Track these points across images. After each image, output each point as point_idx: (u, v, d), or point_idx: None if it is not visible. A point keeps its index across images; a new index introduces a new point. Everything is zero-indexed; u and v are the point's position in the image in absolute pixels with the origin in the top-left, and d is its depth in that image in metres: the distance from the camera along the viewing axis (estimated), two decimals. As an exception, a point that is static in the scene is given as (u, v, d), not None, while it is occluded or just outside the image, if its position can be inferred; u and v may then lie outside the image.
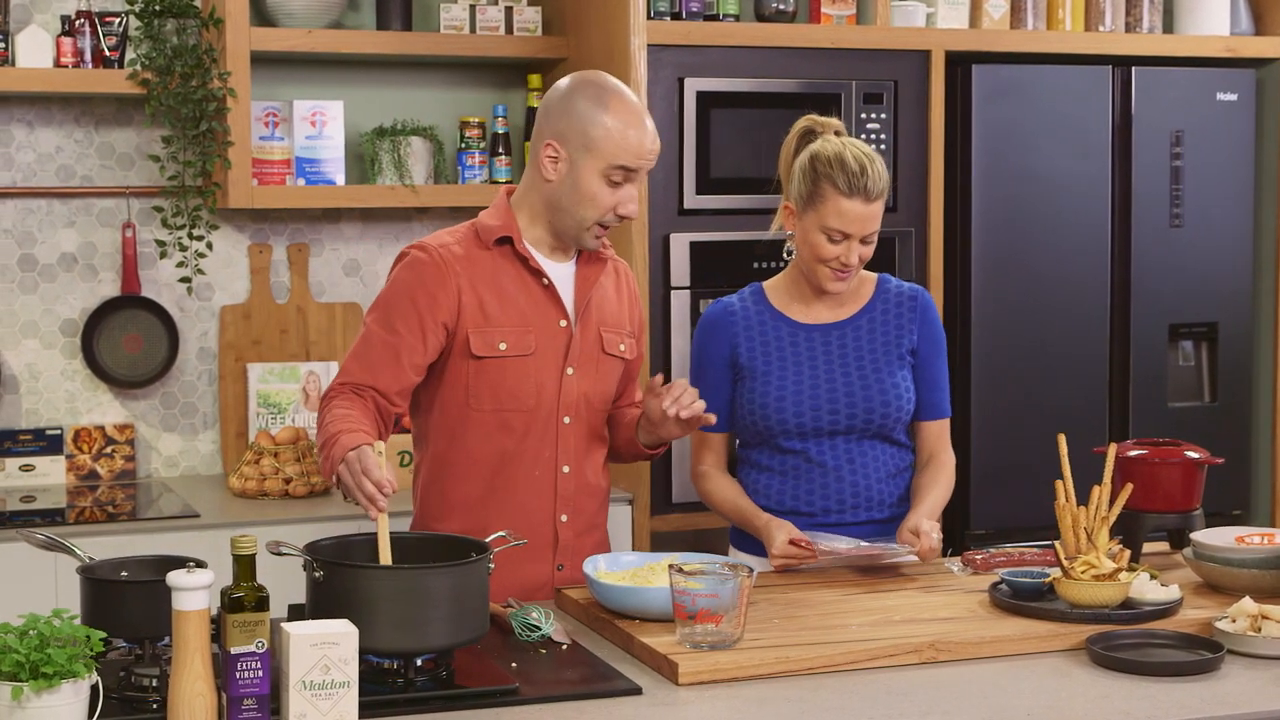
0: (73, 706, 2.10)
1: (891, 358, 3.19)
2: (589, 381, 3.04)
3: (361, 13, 4.52)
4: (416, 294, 2.95)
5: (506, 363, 2.97)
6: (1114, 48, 4.67)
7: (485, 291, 2.97)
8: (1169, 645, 2.59)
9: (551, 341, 3.00)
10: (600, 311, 3.06)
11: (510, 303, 2.98)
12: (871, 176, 3.08)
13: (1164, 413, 4.69)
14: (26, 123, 4.32)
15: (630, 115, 2.92)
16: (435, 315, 2.94)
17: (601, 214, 2.95)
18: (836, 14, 4.48)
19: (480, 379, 2.97)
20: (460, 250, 2.99)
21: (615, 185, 2.93)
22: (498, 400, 2.98)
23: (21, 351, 4.35)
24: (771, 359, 3.17)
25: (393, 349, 2.94)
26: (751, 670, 2.47)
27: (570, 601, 2.86)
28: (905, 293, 3.26)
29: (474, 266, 2.98)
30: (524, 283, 3.00)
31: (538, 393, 2.99)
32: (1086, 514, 2.84)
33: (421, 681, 2.40)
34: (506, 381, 2.97)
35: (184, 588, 2.16)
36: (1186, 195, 4.68)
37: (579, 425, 3.03)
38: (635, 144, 2.92)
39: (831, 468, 3.16)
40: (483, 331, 2.96)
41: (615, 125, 2.91)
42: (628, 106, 2.94)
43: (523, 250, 3.00)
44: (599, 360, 3.05)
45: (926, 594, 2.90)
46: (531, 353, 2.98)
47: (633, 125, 2.92)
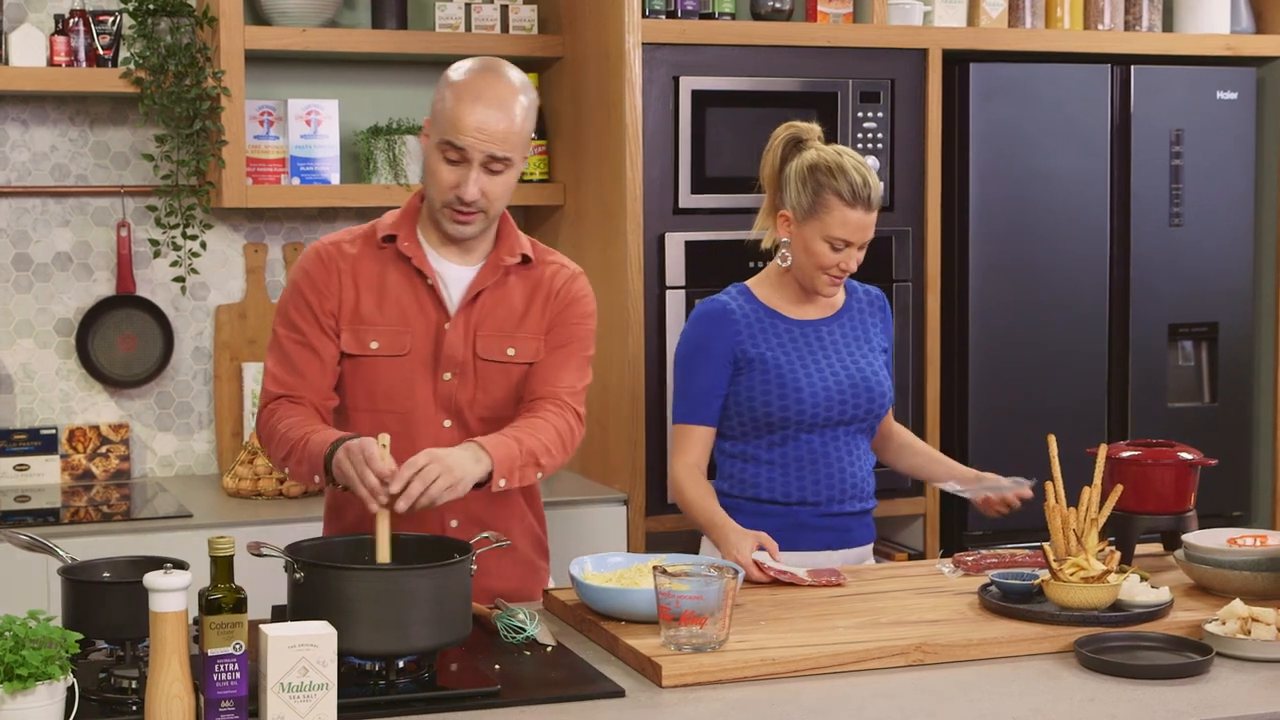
0: (48, 708, 2.09)
1: (874, 354, 3.28)
2: (469, 389, 2.93)
3: (357, 11, 4.51)
4: (305, 290, 2.93)
5: (379, 362, 2.92)
6: (1113, 46, 4.64)
7: (365, 290, 2.92)
8: (1158, 648, 2.58)
9: (430, 344, 2.92)
10: (490, 316, 2.94)
11: (391, 302, 2.92)
12: (872, 185, 3.13)
13: (1164, 413, 4.67)
14: (21, 122, 4.31)
15: (467, 92, 2.82)
16: (325, 307, 2.91)
17: (443, 193, 2.85)
18: (833, 12, 4.46)
19: (355, 377, 2.94)
20: (352, 248, 2.95)
21: (452, 164, 2.83)
22: (372, 400, 2.93)
23: (16, 351, 4.34)
24: (778, 352, 3.20)
25: (307, 347, 2.92)
26: (735, 672, 2.45)
27: (557, 603, 2.85)
28: (873, 294, 3.38)
29: (361, 264, 2.93)
30: (410, 283, 2.94)
31: (411, 394, 2.92)
32: (1076, 515, 2.82)
33: (403, 683, 2.39)
34: (379, 381, 2.92)
35: (161, 589, 2.14)
36: (1186, 194, 4.65)
37: (464, 431, 2.91)
38: (458, 118, 2.81)
39: (834, 458, 3.21)
40: (355, 330, 2.92)
41: (450, 100, 2.83)
42: (471, 84, 2.84)
43: (406, 249, 2.93)
44: (477, 367, 2.93)
45: (916, 596, 2.88)
46: (406, 354, 2.92)
47: (464, 101, 2.81)
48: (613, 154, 4.19)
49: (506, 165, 2.85)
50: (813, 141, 3.20)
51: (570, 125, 4.46)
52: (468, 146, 2.81)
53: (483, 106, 2.81)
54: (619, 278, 4.17)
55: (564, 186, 4.50)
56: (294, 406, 2.90)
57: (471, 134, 2.81)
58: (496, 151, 2.82)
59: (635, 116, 4.12)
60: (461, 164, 2.83)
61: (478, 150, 2.82)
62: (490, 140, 2.82)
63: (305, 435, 2.80)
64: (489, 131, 2.81)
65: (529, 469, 2.82)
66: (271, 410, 2.91)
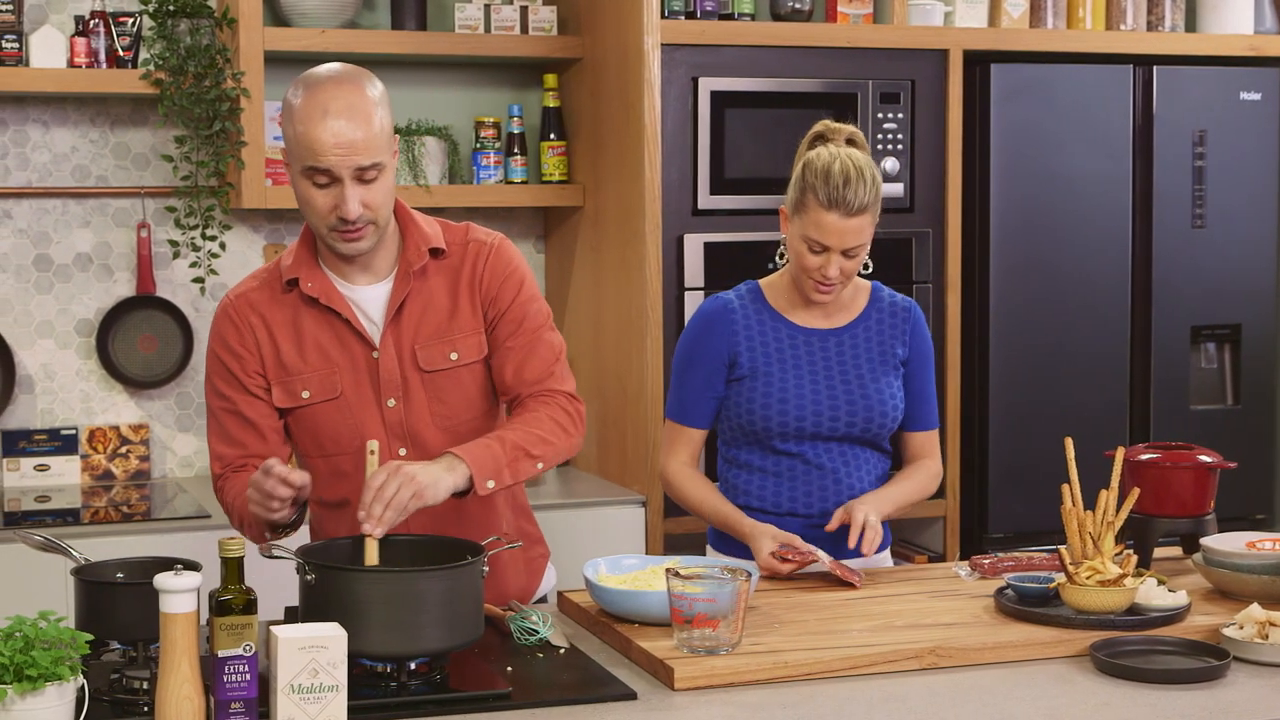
0: (57, 709, 2.10)
1: (887, 367, 3.17)
2: (418, 407, 2.81)
3: (376, 12, 4.51)
4: (224, 358, 2.82)
5: (316, 410, 2.80)
6: (1135, 47, 4.62)
7: (283, 339, 2.80)
8: (1174, 652, 2.56)
9: (361, 377, 2.80)
10: (420, 326, 2.81)
11: (312, 345, 2.80)
12: (855, 191, 3.00)
13: (1186, 416, 4.65)
14: (42, 123, 4.33)
15: (313, 110, 2.63)
16: (246, 370, 2.80)
17: (324, 219, 2.68)
18: (853, 13, 4.44)
19: (298, 429, 2.83)
20: (259, 296, 2.82)
21: (322, 188, 2.66)
22: (320, 447, 2.83)
23: (37, 351, 4.36)
24: (771, 361, 3.13)
25: (238, 415, 2.81)
26: (748, 675, 2.44)
27: (571, 605, 2.84)
28: (899, 304, 3.22)
29: (272, 313, 2.81)
30: (325, 321, 2.80)
31: (358, 432, 2.79)
32: (1093, 519, 2.80)
33: (415, 685, 2.38)
34: (323, 428, 2.81)
35: (171, 590, 2.15)
36: (1209, 195, 4.63)
37: (419, 454, 2.77)
38: (312, 141, 2.62)
39: (829, 469, 3.13)
40: (284, 382, 2.80)
41: (298, 124, 2.64)
42: (314, 101, 2.64)
43: (310, 290, 2.78)
44: (423, 381, 2.81)
45: (932, 599, 2.87)
46: (338, 395, 2.79)
47: (313, 120, 2.62)
48: (632, 155, 4.19)
49: (379, 170, 2.67)
50: (836, 140, 3.12)
51: (590, 126, 4.45)
52: (332, 166, 2.63)
53: (332, 119, 2.62)
54: (638, 279, 4.17)
55: (583, 188, 4.49)
56: (236, 477, 2.80)
57: (331, 153, 2.63)
58: (363, 161, 2.64)
59: (654, 117, 4.12)
60: (332, 185, 2.66)
61: (344, 167, 2.64)
62: (353, 152, 2.63)
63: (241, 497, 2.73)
64: (348, 143, 2.63)
65: (521, 463, 2.70)
66: (219, 489, 2.83)
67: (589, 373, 4.48)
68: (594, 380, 4.46)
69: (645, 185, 4.12)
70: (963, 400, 4.49)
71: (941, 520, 4.47)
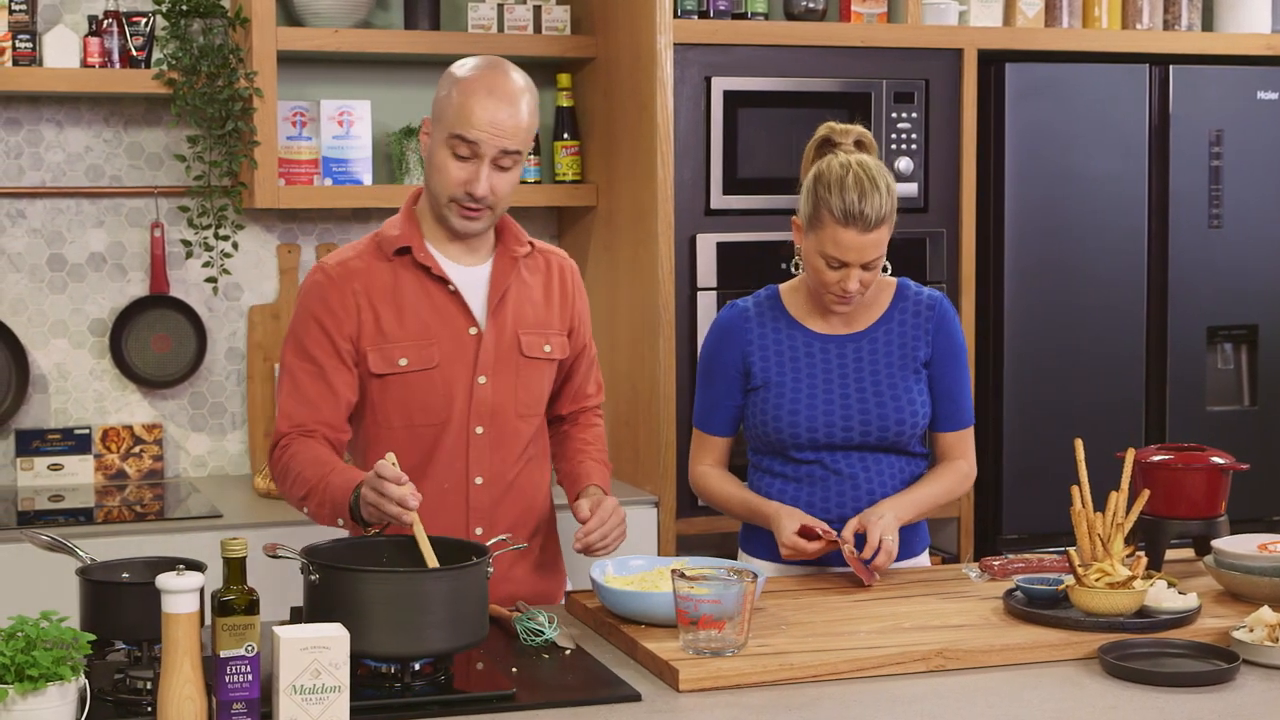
0: (59, 709, 2.10)
1: (907, 371, 3.11)
2: (506, 389, 2.92)
3: (389, 12, 4.51)
4: (321, 316, 2.87)
5: (410, 378, 2.87)
6: (1152, 46, 4.60)
7: (383, 306, 2.87)
8: (1183, 655, 2.54)
9: (459, 351, 2.89)
10: (519, 313, 2.94)
11: (411, 314, 2.88)
12: (871, 205, 2.95)
13: (1202, 417, 4.62)
14: (55, 123, 4.33)
15: (478, 86, 2.81)
16: (342, 332, 2.86)
17: (451, 189, 2.83)
18: (867, 12, 4.43)
19: (385, 396, 2.89)
20: (359, 264, 2.90)
21: (462, 160, 2.81)
22: (407, 416, 2.89)
23: (50, 351, 4.36)
24: (785, 370, 3.10)
25: (321, 378, 2.87)
26: (754, 677, 2.43)
27: (579, 606, 2.84)
28: (924, 300, 3.15)
29: (373, 280, 2.89)
30: (427, 292, 2.89)
31: (447, 405, 2.88)
32: (1103, 520, 2.78)
33: (420, 686, 2.38)
34: (414, 397, 2.88)
35: (173, 590, 2.15)
36: (1226, 195, 4.60)
37: (494, 434, 2.91)
38: (469, 113, 2.79)
39: (848, 475, 3.10)
40: (381, 349, 2.87)
41: (459, 94, 2.81)
42: (480, 80, 2.82)
43: (422, 259, 2.89)
44: (518, 365, 2.93)
45: (941, 601, 2.85)
46: (435, 365, 2.87)
47: (476, 95, 2.80)
48: (644, 155, 4.18)
49: (515, 161, 2.84)
50: (845, 145, 3.07)
51: (603, 126, 4.44)
52: (480, 141, 2.79)
53: (494, 101, 2.80)
54: (650, 279, 4.16)
55: (597, 188, 4.48)
56: (307, 442, 2.84)
57: (484, 128, 2.79)
58: (509, 145, 2.81)
59: (667, 117, 4.11)
60: (472, 160, 2.81)
61: (490, 145, 2.80)
62: (502, 135, 2.80)
63: (323, 476, 2.76)
64: (501, 126, 2.80)
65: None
66: (284, 447, 2.86)
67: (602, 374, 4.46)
68: (607, 380, 4.41)
69: (658, 185, 4.11)
70: (977, 401, 4.45)
71: (956, 521, 4.46)
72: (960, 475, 3.18)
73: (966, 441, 3.20)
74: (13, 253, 4.32)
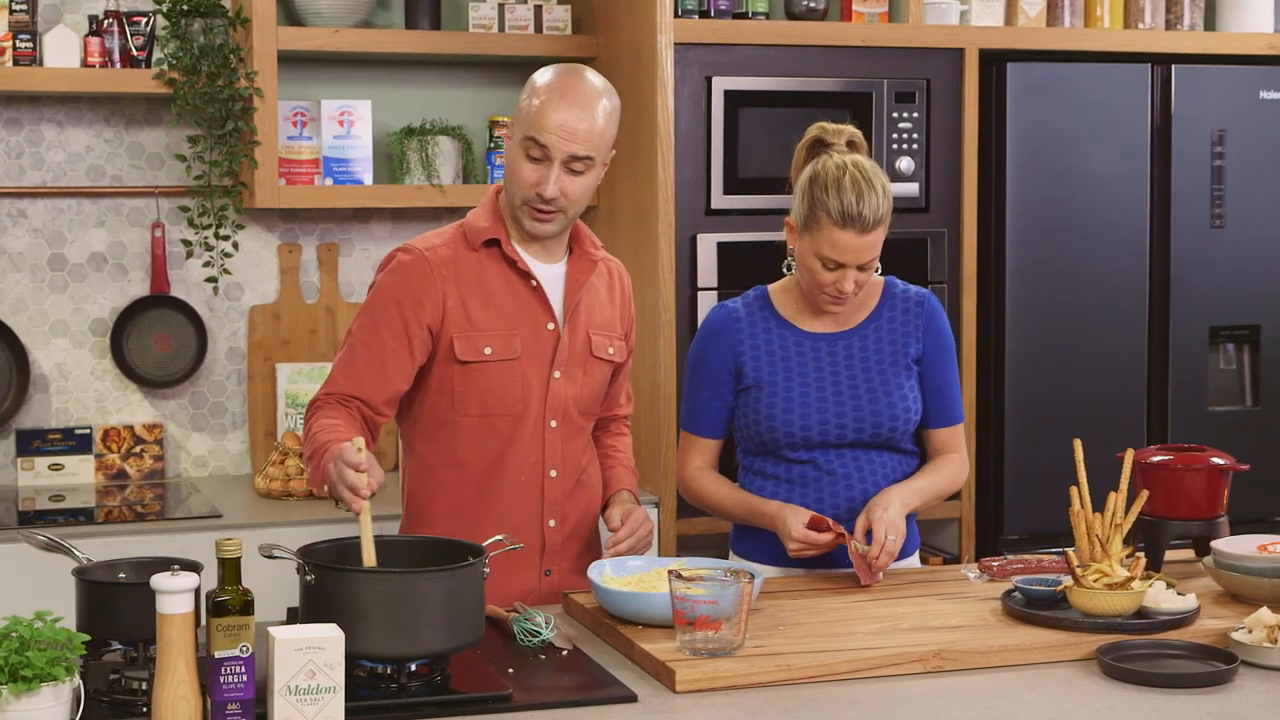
0: (53, 710, 2.09)
1: (898, 367, 3.10)
2: (576, 385, 3.00)
3: (390, 12, 4.51)
4: (402, 298, 2.92)
5: (491, 367, 2.93)
6: (1154, 46, 4.59)
7: (470, 294, 2.93)
8: (1182, 656, 2.53)
9: (538, 345, 2.96)
10: (590, 314, 3.02)
11: (496, 305, 2.94)
12: (868, 206, 2.94)
13: (1204, 417, 4.61)
14: (56, 122, 4.33)
15: (553, 91, 2.87)
16: (420, 319, 2.91)
17: (523, 190, 2.88)
18: (868, 12, 4.42)
19: (466, 384, 2.94)
20: (447, 252, 2.95)
21: (535, 161, 2.87)
22: (484, 405, 2.94)
23: (51, 351, 4.36)
24: (777, 370, 3.09)
25: (379, 357, 2.91)
26: (750, 678, 2.43)
27: (576, 606, 2.83)
28: (912, 297, 3.14)
29: (460, 268, 2.94)
30: (511, 285, 2.96)
31: (524, 397, 2.95)
32: (1101, 521, 2.78)
33: (415, 686, 2.37)
34: (493, 386, 2.94)
35: (167, 590, 2.14)
36: (1228, 195, 4.59)
37: (565, 429, 3.00)
38: (542, 117, 2.85)
39: (840, 475, 3.08)
40: (467, 336, 2.92)
41: (534, 99, 2.87)
42: (558, 84, 2.88)
43: (510, 252, 2.96)
44: (586, 364, 3.01)
45: (939, 601, 2.84)
46: (517, 356, 2.94)
47: (550, 99, 2.86)
48: (645, 155, 4.17)
49: (588, 166, 2.88)
50: (838, 146, 3.05)
51: (604, 126, 4.43)
52: (550, 145, 2.84)
53: (566, 106, 2.85)
54: (651, 279, 4.15)
55: (598, 187, 4.47)
56: (338, 409, 2.88)
57: (555, 132, 2.84)
58: (579, 151, 2.85)
59: (667, 117, 4.10)
60: (544, 162, 2.86)
61: (560, 149, 2.85)
62: (573, 139, 2.85)
63: (327, 442, 2.76)
64: (572, 130, 2.84)
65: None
66: (317, 406, 2.91)
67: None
68: (608, 380, 4.45)
69: (658, 185, 4.11)
70: (978, 401, 4.46)
71: (957, 522, 4.45)
72: (957, 467, 3.17)
73: (958, 437, 3.20)
74: (14, 252, 4.33)
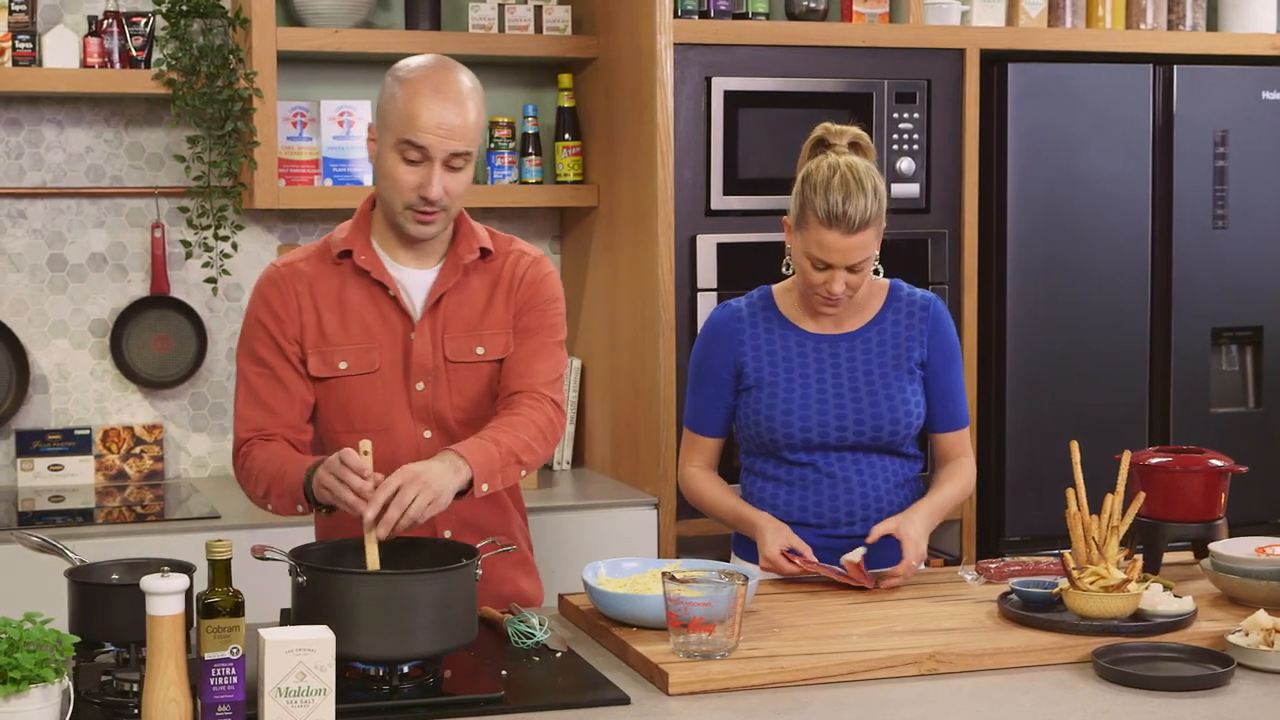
0: (42, 711, 2.09)
1: (901, 371, 3.09)
2: (445, 394, 2.86)
3: (390, 12, 4.50)
4: (265, 319, 2.84)
5: (350, 382, 2.84)
6: (1156, 46, 4.58)
7: (326, 309, 2.84)
8: (1178, 659, 2.53)
9: (398, 356, 2.85)
10: (454, 317, 2.87)
11: (354, 319, 2.84)
12: (855, 207, 2.92)
13: (1206, 419, 4.60)
14: (56, 123, 4.33)
15: (424, 87, 2.73)
16: (286, 334, 2.83)
17: (405, 194, 2.76)
18: (869, 12, 4.41)
19: (328, 400, 2.86)
20: (307, 267, 2.86)
21: (412, 164, 2.74)
22: (349, 421, 2.85)
23: (51, 351, 4.36)
24: (779, 371, 3.08)
25: (273, 380, 2.84)
26: (744, 680, 2.42)
27: (572, 608, 2.82)
28: (917, 301, 3.13)
29: (319, 283, 2.85)
30: (372, 296, 2.85)
31: (388, 410, 2.84)
32: (1098, 523, 2.77)
33: (407, 688, 2.37)
34: (354, 402, 2.84)
35: (157, 592, 2.14)
36: (1230, 196, 4.58)
37: (444, 438, 2.82)
38: (415, 116, 2.72)
39: (840, 478, 3.07)
40: (321, 352, 2.84)
41: (404, 97, 2.74)
42: (427, 80, 2.75)
43: (362, 262, 2.84)
44: (449, 371, 2.86)
45: (935, 604, 2.84)
46: (376, 370, 2.84)
47: (422, 96, 2.73)
48: (645, 155, 4.16)
49: (467, 160, 2.78)
50: (839, 146, 3.03)
51: (604, 126, 4.43)
52: (429, 145, 2.73)
53: (440, 102, 2.73)
54: (650, 280, 4.14)
55: (598, 188, 4.47)
56: (266, 444, 2.82)
57: (433, 131, 2.72)
58: (459, 147, 2.75)
59: (667, 117, 4.10)
60: (423, 163, 2.74)
61: (440, 148, 2.73)
62: (452, 136, 2.74)
63: (280, 466, 2.74)
64: (450, 127, 2.73)
65: (511, 469, 2.74)
66: (245, 454, 2.84)
67: (602, 374, 4.46)
68: (607, 381, 4.44)
69: (658, 185, 4.10)
70: (979, 402, 4.45)
71: (958, 523, 4.44)
72: (968, 473, 3.17)
73: (965, 441, 3.19)
74: (13, 253, 4.32)
